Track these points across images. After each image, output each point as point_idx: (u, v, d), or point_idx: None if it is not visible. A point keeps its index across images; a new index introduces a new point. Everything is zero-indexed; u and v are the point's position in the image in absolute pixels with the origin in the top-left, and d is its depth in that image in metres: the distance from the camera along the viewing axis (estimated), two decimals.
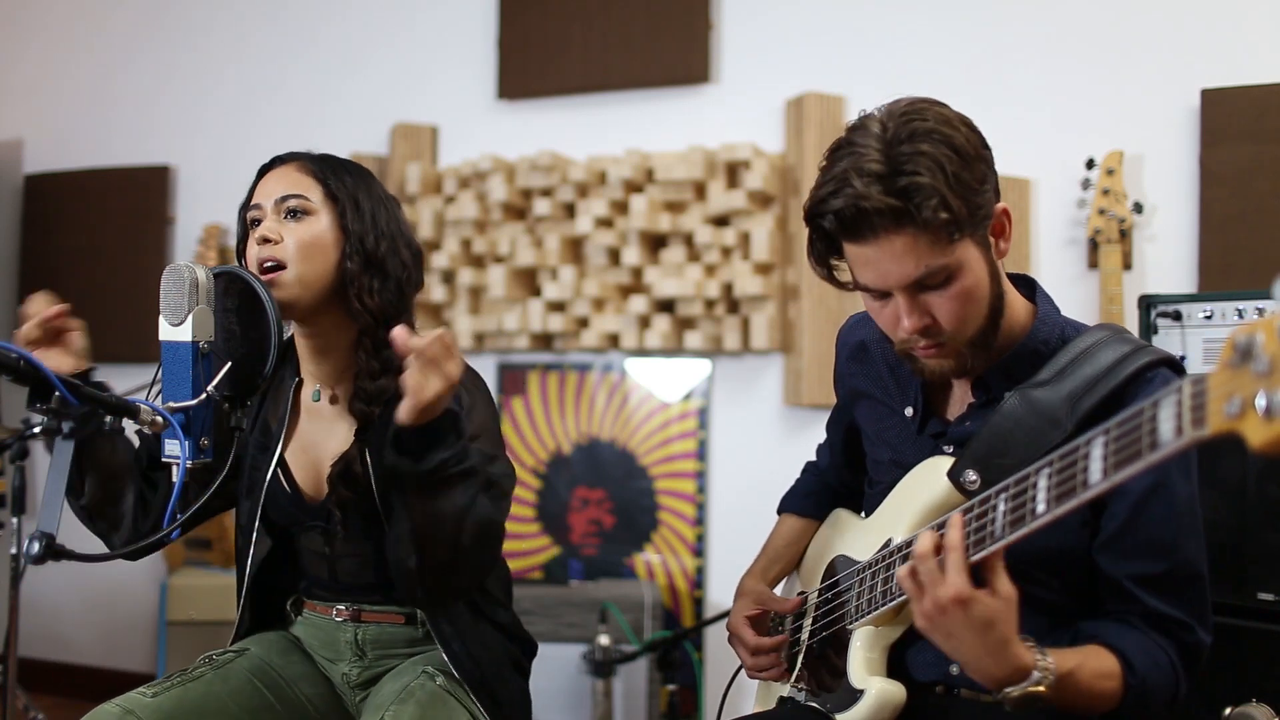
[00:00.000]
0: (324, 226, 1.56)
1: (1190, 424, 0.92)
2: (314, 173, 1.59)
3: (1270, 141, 2.55)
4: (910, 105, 1.26)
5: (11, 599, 2.03)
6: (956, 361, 1.31)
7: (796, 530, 1.68)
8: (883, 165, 1.20)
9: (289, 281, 1.53)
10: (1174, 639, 1.25)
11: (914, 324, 1.27)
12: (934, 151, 1.19)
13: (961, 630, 1.14)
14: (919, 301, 1.26)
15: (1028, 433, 1.26)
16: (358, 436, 1.57)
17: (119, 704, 1.48)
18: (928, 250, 1.22)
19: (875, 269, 1.26)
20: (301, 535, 1.68)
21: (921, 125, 1.21)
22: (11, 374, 1.27)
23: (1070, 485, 1.08)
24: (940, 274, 1.24)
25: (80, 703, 3.24)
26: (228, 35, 3.84)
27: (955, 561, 1.14)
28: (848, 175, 1.21)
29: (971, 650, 1.15)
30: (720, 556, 3.17)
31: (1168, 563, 1.24)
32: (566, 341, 3.28)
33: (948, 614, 1.14)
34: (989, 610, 1.13)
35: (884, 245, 1.22)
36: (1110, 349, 1.28)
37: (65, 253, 3.92)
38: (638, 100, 3.28)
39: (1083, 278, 2.76)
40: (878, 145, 1.21)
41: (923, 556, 1.16)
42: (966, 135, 1.24)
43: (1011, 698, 1.15)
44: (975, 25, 2.91)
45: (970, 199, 1.21)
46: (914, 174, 1.19)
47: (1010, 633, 1.14)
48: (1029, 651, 1.15)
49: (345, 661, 1.68)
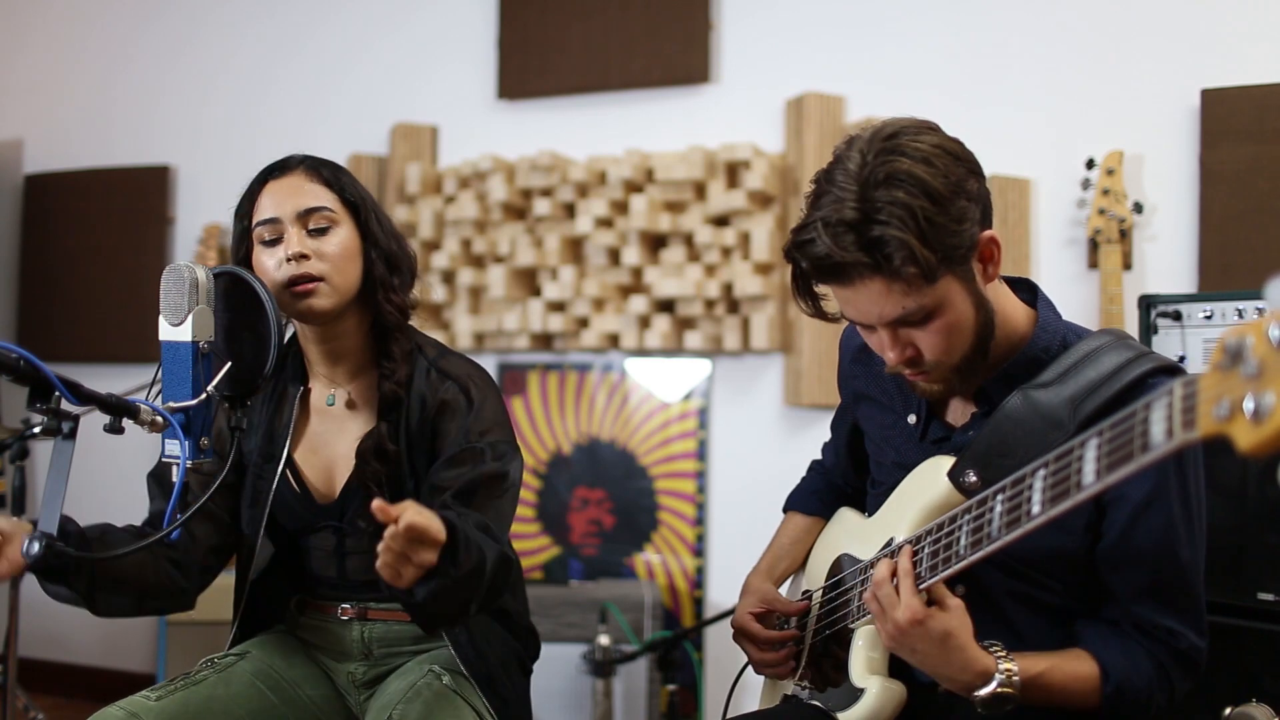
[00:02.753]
0: (347, 235, 1.58)
1: (1180, 426, 0.93)
2: (326, 180, 1.60)
3: (1270, 141, 2.55)
4: (891, 139, 1.24)
5: (11, 599, 2.04)
6: (945, 385, 1.34)
7: (802, 528, 1.68)
8: (857, 212, 1.20)
9: (327, 292, 1.55)
10: (1164, 645, 1.27)
11: (897, 357, 1.30)
12: (907, 200, 1.19)
13: (923, 645, 1.23)
14: (900, 336, 1.28)
15: (1029, 434, 1.26)
16: (383, 416, 1.60)
17: (122, 707, 1.48)
18: (903, 295, 1.23)
19: (854, 309, 1.29)
20: (311, 536, 1.68)
21: (899, 167, 1.20)
22: (11, 374, 1.27)
23: (1065, 487, 1.09)
24: (918, 314, 1.25)
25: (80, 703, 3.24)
26: (227, 35, 3.84)
27: (907, 586, 1.24)
28: (822, 225, 1.22)
29: (936, 661, 1.23)
30: (720, 556, 3.17)
31: (1159, 573, 1.26)
32: (566, 341, 3.28)
33: (907, 633, 1.23)
34: (942, 623, 1.22)
35: (860, 290, 1.24)
36: (1114, 354, 1.28)
37: (65, 253, 3.92)
38: (638, 100, 3.28)
39: (1083, 278, 2.76)
40: (854, 188, 1.21)
41: (879, 583, 1.26)
42: (946, 172, 1.22)
43: (980, 699, 1.22)
44: (975, 25, 2.91)
45: (945, 242, 1.21)
46: (885, 224, 1.19)
47: (966, 640, 1.22)
48: (989, 656, 1.23)
49: (351, 660, 1.68)
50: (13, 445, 2.29)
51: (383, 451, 1.58)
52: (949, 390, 1.35)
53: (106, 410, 1.33)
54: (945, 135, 1.27)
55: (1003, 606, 1.33)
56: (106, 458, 3.39)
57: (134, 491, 4.21)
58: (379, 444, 1.58)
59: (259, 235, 1.58)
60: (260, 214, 1.58)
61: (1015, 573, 1.31)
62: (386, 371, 1.60)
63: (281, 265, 1.54)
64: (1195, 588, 1.28)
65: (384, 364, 1.61)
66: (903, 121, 1.27)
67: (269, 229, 1.56)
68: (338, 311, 1.58)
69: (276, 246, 1.55)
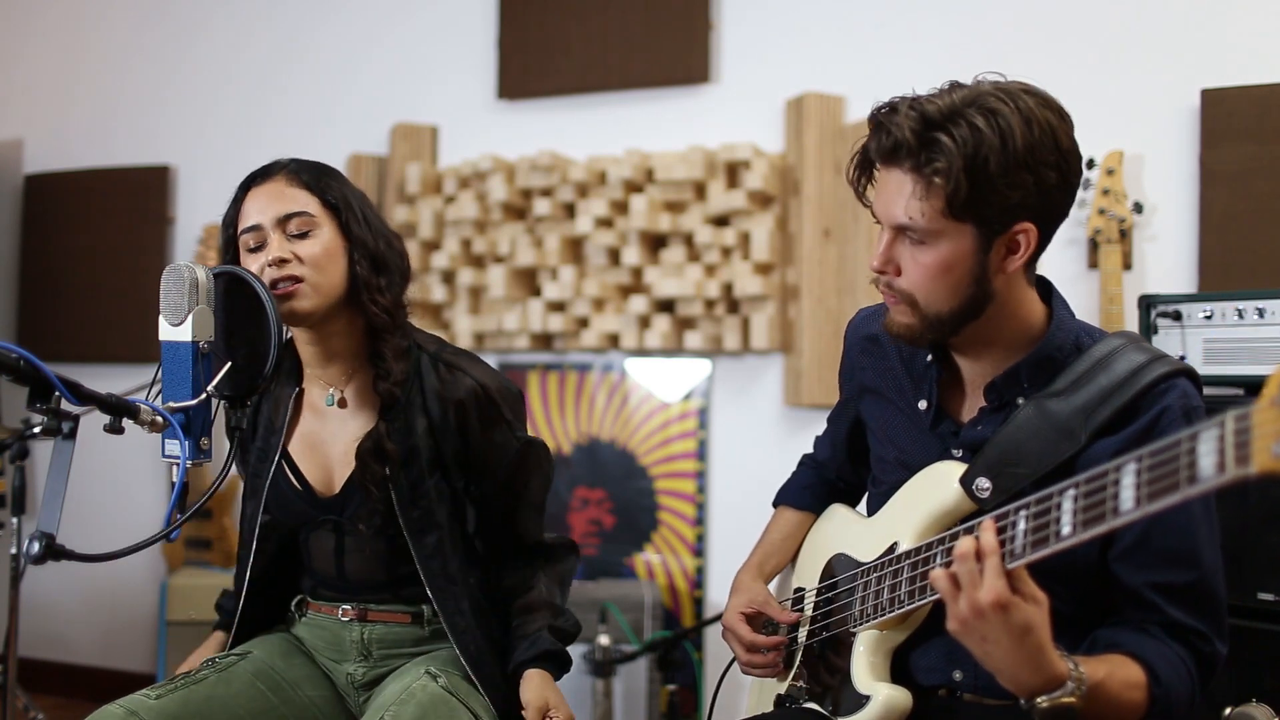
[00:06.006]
0: (329, 237, 1.58)
1: (1234, 461, 0.91)
2: (306, 184, 1.60)
3: (1270, 141, 2.55)
4: (1009, 86, 1.25)
5: (11, 599, 2.04)
6: (908, 327, 1.31)
7: (793, 524, 1.67)
8: (939, 114, 1.21)
9: (307, 294, 1.55)
10: (1192, 649, 1.24)
11: (879, 261, 1.30)
12: (984, 132, 1.19)
13: (999, 634, 1.11)
14: (895, 246, 1.29)
15: (1041, 443, 1.25)
16: (383, 416, 1.60)
17: (122, 705, 1.49)
18: (919, 204, 1.23)
19: (880, 197, 1.29)
20: (310, 534, 1.68)
21: (1003, 108, 1.21)
22: (11, 374, 1.27)
23: (1099, 511, 1.06)
24: (920, 233, 1.25)
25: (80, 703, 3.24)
26: (228, 35, 3.85)
27: (994, 565, 1.11)
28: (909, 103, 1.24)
29: (1007, 656, 1.12)
30: (720, 556, 3.17)
31: (1191, 574, 1.24)
32: (566, 341, 3.28)
33: (985, 618, 1.11)
34: (1026, 615, 1.11)
35: (892, 177, 1.26)
36: (1125, 358, 1.27)
37: (65, 253, 3.92)
38: (638, 100, 3.28)
39: (1083, 278, 2.75)
40: (955, 97, 1.23)
41: (963, 557, 1.13)
42: (1036, 143, 1.21)
43: (1041, 708, 1.12)
44: (975, 25, 2.91)
45: (984, 192, 1.20)
46: (950, 136, 1.20)
47: (1046, 639, 1.12)
48: (1063, 660, 1.13)
49: (351, 661, 1.69)
50: (13, 445, 2.29)
51: (382, 452, 1.59)
52: (910, 335, 1.32)
53: (106, 410, 1.33)
54: (1067, 124, 1.26)
55: None
56: (106, 458, 3.39)
57: (134, 491, 4.22)
58: (378, 444, 1.59)
59: (244, 243, 1.59)
60: (243, 221, 1.59)
61: None
62: (381, 373, 1.61)
63: (264, 270, 1.55)
64: (1220, 591, 1.26)
65: (378, 365, 1.61)
66: (1043, 91, 1.27)
67: (252, 236, 1.58)
68: (322, 313, 1.58)
69: (260, 253, 1.56)
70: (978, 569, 1.12)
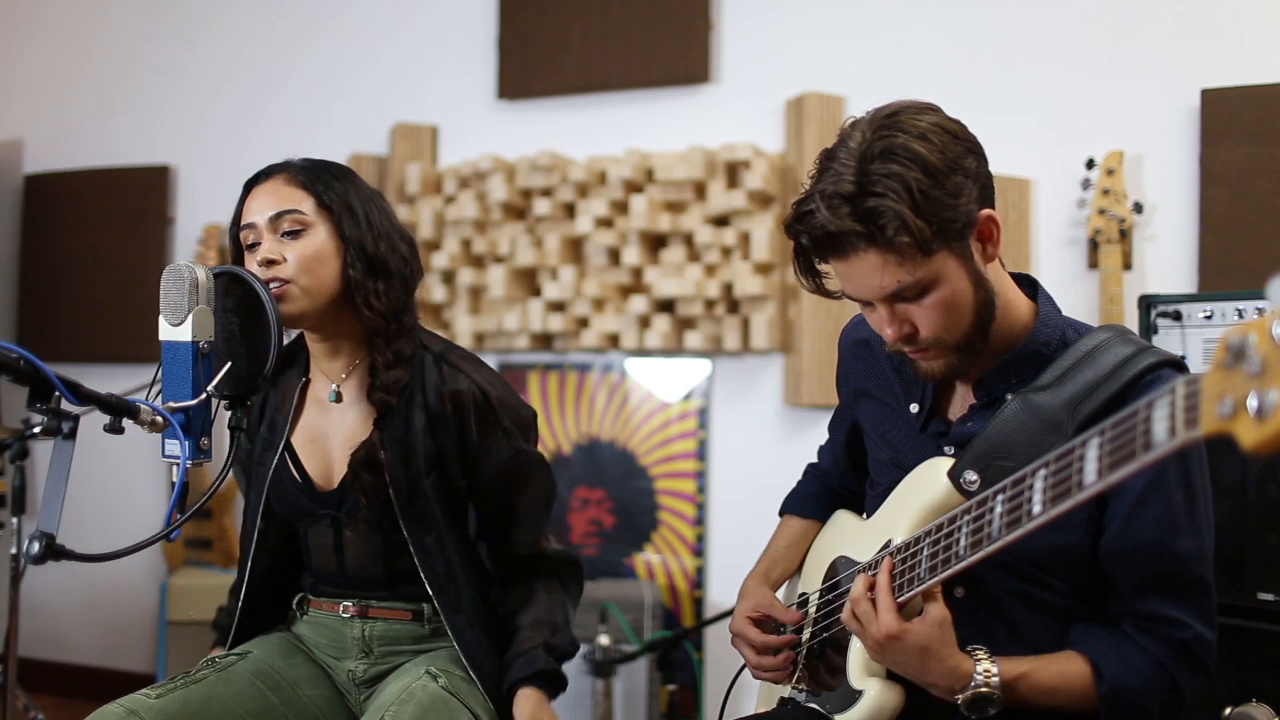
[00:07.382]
0: (322, 238, 1.58)
1: (1184, 425, 0.93)
2: (303, 184, 1.60)
3: (1270, 141, 2.55)
4: (891, 116, 1.26)
5: (11, 599, 2.04)
6: (945, 364, 1.33)
7: (798, 532, 1.68)
8: (853, 185, 1.22)
9: (296, 296, 1.55)
10: (1163, 640, 1.26)
11: (895, 333, 1.30)
12: (903, 172, 1.21)
13: (903, 657, 1.25)
14: (898, 311, 1.29)
15: (1029, 436, 1.27)
16: (377, 425, 1.60)
17: (122, 704, 1.49)
18: (898, 267, 1.24)
19: (852, 283, 1.30)
20: (310, 529, 1.69)
21: (895, 142, 1.23)
22: (11, 374, 1.27)
23: (1066, 486, 1.09)
24: (914, 288, 1.26)
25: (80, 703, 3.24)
26: (228, 35, 3.85)
27: (884, 603, 1.26)
28: (820, 197, 1.25)
29: (916, 671, 1.26)
30: (720, 556, 3.17)
31: (1160, 563, 1.25)
32: (566, 341, 3.28)
33: (885, 648, 1.26)
34: (920, 638, 1.24)
35: (856, 263, 1.26)
36: (1112, 351, 1.28)
37: (65, 253, 3.92)
38: (637, 100, 3.28)
39: (1083, 278, 2.76)
40: (853, 163, 1.24)
41: (856, 600, 1.29)
42: (943, 148, 1.24)
43: (960, 701, 1.24)
44: (975, 25, 2.91)
45: (940, 215, 1.22)
46: (880, 196, 1.21)
47: (945, 651, 1.24)
48: (968, 659, 1.24)
49: (351, 658, 1.69)
50: (13, 445, 2.29)
51: (374, 463, 1.59)
52: (950, 371, 1.34)
53: (106, 410, 1.33)
54: (945, 115, 1.29)
55: (1005, 607, 1.33)
56: (106, 458, 3.39)
57: (134, 491, 4.22)
58: (370, 455, 1.59)
59: (243, 240, 1.60)
60: (243, 220, 1.60)
61: (1017, 572, 1.31)
62: (375, 380, 1.60)
63: (253, 267, 1.55)
64: (1201, 577, 1.27)
65: (376, 373, 1.61)
66: (904, 102, 1.29)
67: (249, 234, 1.58)
68: (314, 315, 1.58)
69: (255, 251, 1.57)
70: (871, 607, 1.27)
